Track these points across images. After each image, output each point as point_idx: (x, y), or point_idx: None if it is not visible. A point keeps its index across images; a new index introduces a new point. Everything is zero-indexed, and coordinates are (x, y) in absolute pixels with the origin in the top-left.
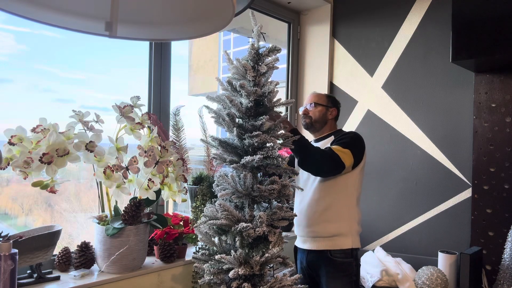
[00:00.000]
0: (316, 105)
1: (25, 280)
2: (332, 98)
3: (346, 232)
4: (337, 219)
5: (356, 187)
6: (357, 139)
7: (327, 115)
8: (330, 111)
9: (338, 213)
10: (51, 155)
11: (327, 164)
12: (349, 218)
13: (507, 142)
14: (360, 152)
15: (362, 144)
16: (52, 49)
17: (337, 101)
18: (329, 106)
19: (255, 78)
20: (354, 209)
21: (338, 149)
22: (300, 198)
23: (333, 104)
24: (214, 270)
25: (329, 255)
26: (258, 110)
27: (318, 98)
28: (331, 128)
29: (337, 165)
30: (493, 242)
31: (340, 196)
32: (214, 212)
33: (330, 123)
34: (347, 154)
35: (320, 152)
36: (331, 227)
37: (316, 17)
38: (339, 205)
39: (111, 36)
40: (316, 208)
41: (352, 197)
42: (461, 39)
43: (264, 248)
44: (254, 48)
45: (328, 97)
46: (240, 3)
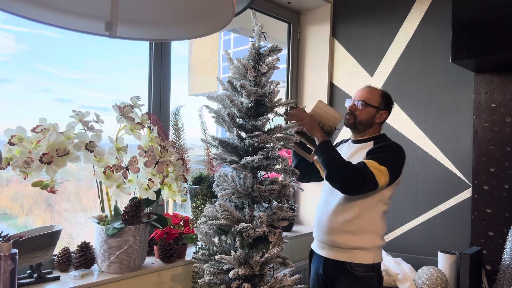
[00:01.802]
0: (366, 106)
1: (25, 280)
2: (387, 98)
3: (368, 246)
4: (360, 232)
5: (386, 201)
6: (398, 155)
7: (376, 118)
8: (380, 114)
9: (362, 226)
10: (51, 155)
11: (357, 183)
12: (373, 232)
13: (507, 142)
14: (398, 170)
15: (403, 160)
16: (52, 49)
17: (391, 103)
18: (380, 108)
19: (256, 78)
20: (379, 223)
21: (374, 166)
22: (324, 200)
23: (385, 107)
24: (214, 270)
25: (348, 268)
26: (258, 110)
27: (371, 96)
28: (374, 132)
29: (369, 185)
30: (493, 242)
31: (366, 209)
32: (214, 212)
33: (376, 127)
34: (383, 172)
35: (351, 168)
36: (353, 239)
37: (316, 17)
38: (364, 217)
39: (111, 36)
40: (339, 217)
41: (379, 210)
42: (461, 39)
43: (264, 248)
44: (255, 48)
45: (383, 96)
46: (240, 3)
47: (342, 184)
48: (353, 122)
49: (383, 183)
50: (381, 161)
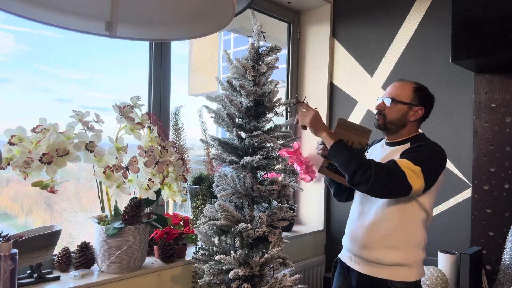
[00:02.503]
0: (396, 102)
1: (25, 280)
2: (422, 92)
3: (411, 262)
4: (402, 246)
5: (426, 208)
6: (436, 155)
7: (408, 116)
8: (414, 111)
9: (403, 239)
10: (51, 155)
11: (387, 182)
12: (415, 245)
13: (507, 142)
14: (436, 172)
15: (442, 162)
16: (52, 49)
17: (428, 97)
18: (413, 104)
19: (255, 77)
20: (420, 234)
21: (406, 165)
22: (358, 211)
23: (420, 102)
24: (214, 271)
25: (389, 285)
26: (258, 110)
27: (400, 91)
28: (410, 132)
29: (401, 187)
30: (493, 242)
31: (407, 219)
32: (214, 212)
33: (411, 126)
34: (417, 173)
35: (377, 165)
36: (394, 255)
37: (316, 17)
38: (405, 229)
39: (111, 36)
40: (377, 231)
41: (419, 220)
42: (461, 39)
43: (264, 249)
44: (254, 47)
45: (416, 90)
46: (240, 3)
47: (369, 185)
48: (382, 122)
49: (418, 186)
50: (416, 160)
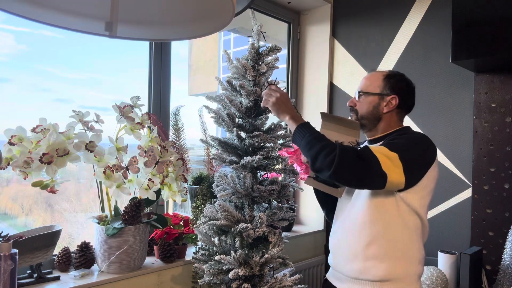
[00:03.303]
0: (365, 95)
1: (25, 280)
2: (394, 79)
3: (402, 277)
4: (388, 256)
5: (418, 210)
6: (419, 143)
7: (381, 107)
8: (386, 101)
9: (389, 247)
10: (51, 155)
11: (355, 166)
12: (405, 256)
13: (507, 142)
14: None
15: (427, 153)
16: (52, 49)
17: (401, 84)
18: (384, 93)
19: (255, 77)
20: (413, 243)
21: (380, 150)
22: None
23: (392, 90)
24: (214, 271)
25: None
26: (258, 110)
27: (369, 82)
28: (389, 126)
29: (372, 174)
30: (493, 242)
31: (394, 224)
32: (214, 212)
33: (389, 119)
34: (393, 160)
35: (343, 148)
36: (381, 268)
37: (316, 17)
38: (393, 236)
39: (111, 36)
40: (361, 237)
41: (412, 226)
42: (461, 39)
43: (264, 249)
44: (254, 47)
45: (387, 78)
46: (240, 3)
47: (333, 169)
48: (356, 119)
49: (395, 176)
50: (392, 147)
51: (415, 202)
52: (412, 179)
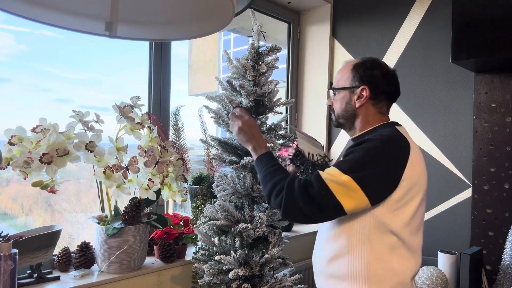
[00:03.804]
0: (336, 91)
1: (25, 280)
2: (362, 68)
3: None
4: (353, 277)
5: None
6: (378, 152)
7: (352, 102)
8: (357, 94)
9: (355, 268)
10: (51, 155)
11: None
12: (375, 280)
13: (507, 142)
14: (384, 175)
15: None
16: (52, 49)
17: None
18: (354, 86)
19: (255, 77)
20: (386, 266)
21: (332, 176)
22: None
23: (361, 80)
24: (214, 271)
25: None
26: (258, 110)
27: (340, 76)
28: (367, 122)
29: (325, 209)
30: (493, 242)
31: (357, 241)
32: (214, 212)
33: (365, 115)
34: (348, 185)
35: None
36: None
37: (316, 17)
38: (355, 255)
39: (111, 36)
40: (325, 253)
41: (384, 245)
42: (461, 39)
43: (264, 249)
44: (254, 47)
45: (355, 68)
46: (240, 3)
47: (282, 211)
48: (335, 119)
49: (353, 203)
50: (345, 167)
51: (387, 219)
52: (379, 195)
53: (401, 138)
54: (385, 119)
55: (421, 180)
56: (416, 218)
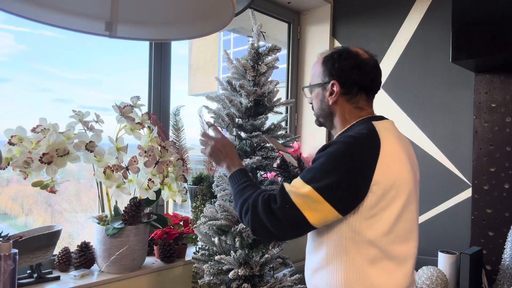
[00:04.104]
0: (310, 89)
1: (25, 280)
2: (331, 61)
3: None
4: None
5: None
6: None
7: (325, 99)
8: (328, 90)
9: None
10: (51, 155)
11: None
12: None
13: (507, 142)
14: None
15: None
16: (52, 49)
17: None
18: (325, 82)
19: (255, 77)
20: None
21: (295, 188)
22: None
23: (330, 75)
24: (214, 271)
25: None
26: (258, 110)
27: (313, 72)
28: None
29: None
30: (493, 242)
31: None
32: (214, 212)
33: (341, 112)
34: (310, 196)
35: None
36: None
37: (316, 17)
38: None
39: (111, 36)
40: (309, 263)
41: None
42: (461, 39)
43: (264, 249)
44: (253, 47)
45: (324, 62)
46: (240, 3)
47: (251, 231)
48: (316, 119)
49: (319, 215)
50: (307, 176)
51: (363, 228)
52: (347, 204)
53: (370, 137)
54: (363, 114)
55: (402, 181)
56: (401, 224)
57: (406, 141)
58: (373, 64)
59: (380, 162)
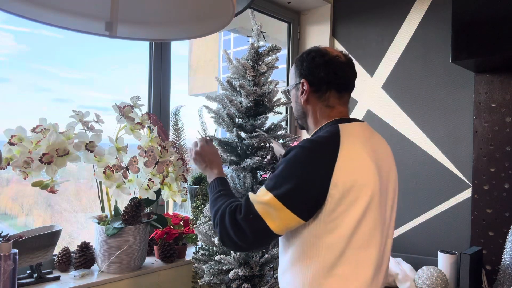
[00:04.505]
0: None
1: (25, 280)
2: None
3: None
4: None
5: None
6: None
7: (299, 100)
8: (300, 89)
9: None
10: (51, 155)
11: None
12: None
13: (507, 142)
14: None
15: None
16: (52, 49)
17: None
18: (297, 82)
19: (255, 77)
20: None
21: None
22: None
23: (300, 74)
24: (214, 271)
25: None
26: (258, 110)
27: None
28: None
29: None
30: (493, 242)
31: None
32: None
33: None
34: (272, 204)
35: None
36: None
37: (316, 17)
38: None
39: (111, 36)
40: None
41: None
42: (461, 39)
43: (264, 249)
44: (254, 47)
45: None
46: (240, 3)
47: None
48: (296, 122)
49: (281, 223)
50: (269, 184)
51: (323, 233)
52: (307, 210)
53: (329, 141)
54: (334, 114)
55: (362, 185)
56: (361, 230)
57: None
58: (342, 61)
59: (338, 165)
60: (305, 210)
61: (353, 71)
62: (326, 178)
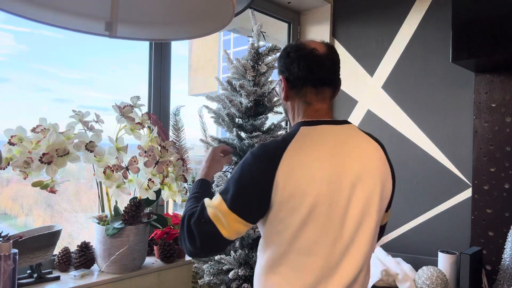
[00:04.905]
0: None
1: (25, 280)
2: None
3: None
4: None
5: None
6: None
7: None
8: (280, 86)
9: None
10: (51, 155)
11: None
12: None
13: (507, 142)
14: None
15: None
16: (52, 49)
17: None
18: (279, 79)
19: (255, 77)
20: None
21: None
22: None
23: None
24: (214, 271)
25: None
26: (258, 110)
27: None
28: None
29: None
30: (493, 242)
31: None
32: None
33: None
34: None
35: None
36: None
37: (316, 17)
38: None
39: (111, 36)
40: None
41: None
42: (461, 39)
43: None
44: (254, 47)
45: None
46: (240, 3)
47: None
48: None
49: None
50: (223, 188)
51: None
52: (252, 214)
53: (276, 146)
54: (309, 112)
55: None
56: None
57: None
58: (318, 54)
59: (279, 172)
60: (249, 213)
61: (333, 64)
62: (268, 183)
